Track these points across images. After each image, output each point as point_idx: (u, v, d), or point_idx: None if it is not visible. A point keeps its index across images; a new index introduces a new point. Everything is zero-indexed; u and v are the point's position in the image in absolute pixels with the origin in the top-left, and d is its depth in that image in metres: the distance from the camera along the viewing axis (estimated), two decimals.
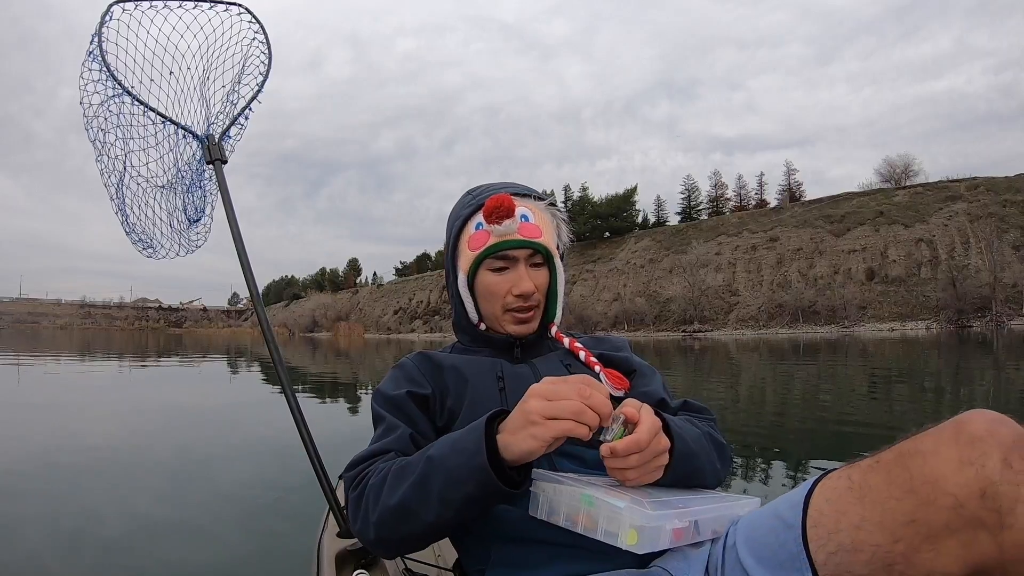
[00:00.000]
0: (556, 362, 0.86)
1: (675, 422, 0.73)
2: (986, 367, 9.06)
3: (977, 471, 0.49)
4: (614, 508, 0.59)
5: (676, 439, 0.69)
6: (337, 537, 1.17)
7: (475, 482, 0.62)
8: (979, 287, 34.64)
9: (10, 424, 4.63)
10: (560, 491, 0.64)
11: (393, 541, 0.71)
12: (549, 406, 0.60)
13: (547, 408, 0.60)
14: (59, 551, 1.92)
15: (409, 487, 0.67)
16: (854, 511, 0.55)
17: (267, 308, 2.05)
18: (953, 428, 0.53)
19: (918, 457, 0.53)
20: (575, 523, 0.62)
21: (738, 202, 61.64)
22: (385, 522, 0.69)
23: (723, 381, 8.37)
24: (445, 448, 0.67)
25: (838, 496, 0.58)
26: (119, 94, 1.40)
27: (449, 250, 0.91)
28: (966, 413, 0.54)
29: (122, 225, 1.45)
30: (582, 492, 0.62)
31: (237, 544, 2.02)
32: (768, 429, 4.42)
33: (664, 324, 45.82)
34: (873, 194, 48.40)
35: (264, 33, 1.67)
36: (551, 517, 0.64)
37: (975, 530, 0.49)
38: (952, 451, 0.51)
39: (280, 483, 2.77)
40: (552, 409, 0.60)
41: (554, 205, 0.91)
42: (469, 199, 0.90)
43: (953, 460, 0.51)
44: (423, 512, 0.66)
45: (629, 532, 0.58)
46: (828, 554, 0.56)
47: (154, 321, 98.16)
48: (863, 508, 0.55)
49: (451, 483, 0.64)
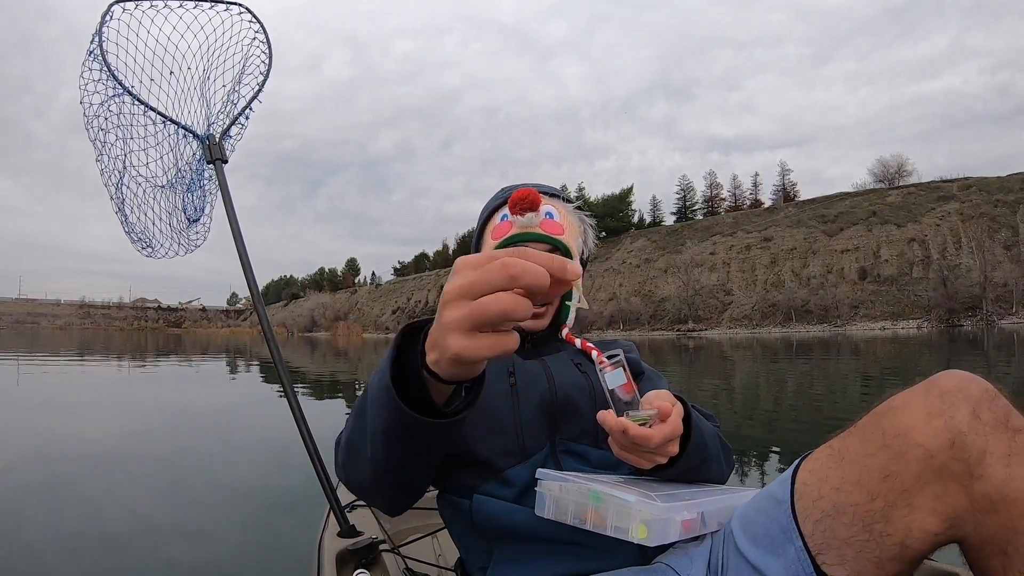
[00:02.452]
0: (567, 361, 0.85)
1: (696, 415, 0.73)
2: (976, 365, 9.16)
3: (946, 422, 0.51)
4: (623, 503, 0.58)
5: (694, 430, 0.70)
6: (337, 537, 1.18)
7: (387, 408, 0.49)
8: (970, 286, 35.00)
9: (10, 424, 4.61)
10: (567, 489, 0.63)
11: (353, 484, 0.66)
12: (469, 280, 0.40)
13: (467, 284, 0.40)
14: (60, 550, 1.92)
15: (352, 420, 0.62)
16: (834, 475, 0.57)
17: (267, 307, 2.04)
18: (924, 385, 0.54)
19: (890, 413, 0.55)
20: (584, 520, 0.62)
21: (733, 202, 61.97)
22: (343, 463, 0.65)
23: (718, 379, 8.42)
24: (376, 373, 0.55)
25: (820, 465, 0.59)
26: (119, 94, 1.40)
27: (475, 240, 0.93)
28: (938, 373, 0.55)
29: (122, 225, 1.45)
30: (590, 489, 0.61)
31: (238, 544, 2.02)
32: (763, 425, 4.47)
33: (659, 323, 46.00)
34: (866, 194, 48.80)
35: (264, 33, 1.67)
36: (559, 516, 0.64)
37: (946, 481, 0.50)
38: (922, 404, 0.53)
39: (280, 482, 2.77)
40: (474, 283, 0.39)
41: (582, 210, 0.92)
42: (500, 193, 0.91)
43: (922, 412, 0.52)
44: (360, 447, 0.58)
45: (639, 526, 0.57)
46: (814, 523, 0.56)
47: (153, 321, 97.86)
48: (841, 470, 0.56)
49: (373, 411, 0.53)
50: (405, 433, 0.51)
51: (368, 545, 1.10)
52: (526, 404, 0.77)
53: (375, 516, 1.29)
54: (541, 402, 0.78)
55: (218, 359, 14.33)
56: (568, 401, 0.78)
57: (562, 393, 0.78)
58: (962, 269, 37.02)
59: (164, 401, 6.28)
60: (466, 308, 0.39)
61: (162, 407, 5.74)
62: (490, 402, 0.77)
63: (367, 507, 1.36)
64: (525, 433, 0.76)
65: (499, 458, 0.75)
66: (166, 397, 6.71)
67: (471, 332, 0.39)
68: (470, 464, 0.76)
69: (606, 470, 0.76)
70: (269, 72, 1.65)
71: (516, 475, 0.74)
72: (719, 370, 10.21)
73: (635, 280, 51.98)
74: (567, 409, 0.78)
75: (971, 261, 36.79)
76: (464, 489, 0.77)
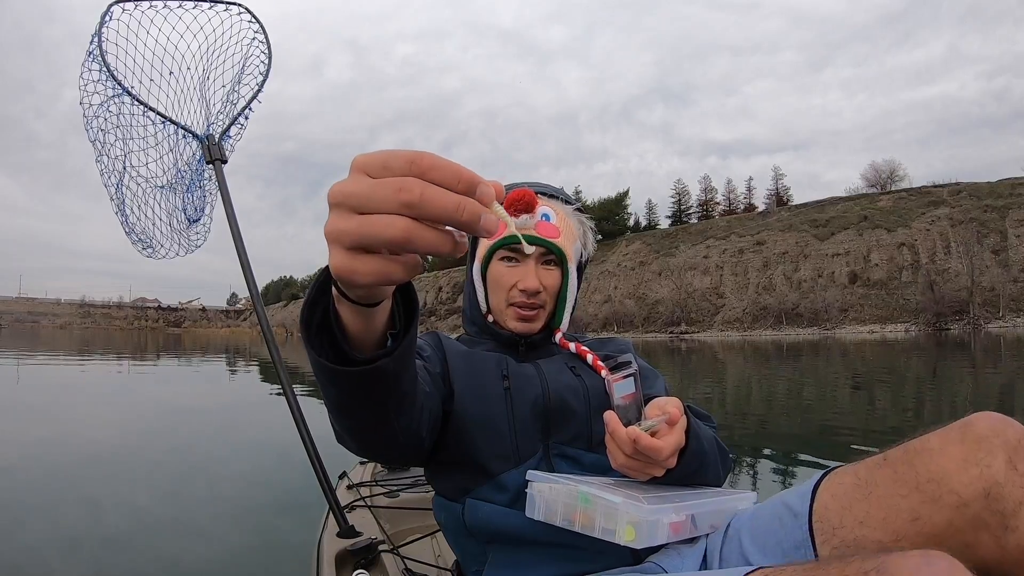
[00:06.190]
0: (561, 364, 0.84)
1: (696, 421, 0.73)
2: (960, 367, 9.27)
3: (982, 471, 0.49)
4: (610, 504, 0.58)
5: (692, 437, 0.69)
6: (337, 537, 1.18)
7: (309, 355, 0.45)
8: (957, 291, 35.40)
9: (11, 423, 4.57)
10: (556, 491, 0.64)
11: (336, 431, 0.61)
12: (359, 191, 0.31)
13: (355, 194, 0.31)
14: (60, 550, 1.91)
15: None
16: (859, 507, 0.55)
17: (266, 308, 2.03)
18: (960, 428, 0.53)
19: (925, 455, 0.53)
20: (572, 522, 0.62)
21: (727, 206, 62.36)
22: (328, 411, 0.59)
23: (710, 380, 8.46)
24: None
25: (844, 492, 0.58)
26: (119, 94, 1.40)
27: (471, 239, 0.89)
28: (973, 415, 0.54)
29: (122, 225, 1.44)
30: (578, 490, 0.61)
31: (237, 544, 2.01)
32: (755, 426, 4.51)
33: (652, 326, 46.12)
34: (858, 199, 49.20)
35: (264, 33, 1.67)
36: (548, 517, 0.64)
37: (978, 531, 0.49)
38: (957, 449, 0.51)
39: (280, 483, 2.76)
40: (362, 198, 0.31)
41: (582, 212, 0.90)
42: None
43: (958, 458, 0.51)
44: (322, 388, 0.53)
45: (626, 528, 0.57)
46: (831, 548, 0.56)
47: (153, 321, 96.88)
48: (868, 505, 0.55)
49: None
50: (329, 376, 0.46)
51: (367, 545, 1.10)
52: (520, 407, 0.77)
53: (375, 517, 1.30)
54: (535, 405, 0.77)
55: (218, 359, 14.19)
56: (562, 404, 0.78)
57: (556, 396, 0.78)
58: (951, 273, 37.44)
59: (164, 401, 6.23)
60: (352, 222, 0.31)
61: (162, 407, 5.69)
62: (484, 405, 0.76)
63: (367, 507, 1.37)
64: (519, 437, 0.76)
65: (493, 462, 0.74)
66: (166, 397, 6.65)
67: (354, 251, 0.32)
68: (463, 467, 0.76)
69: (599, 474, 0.76)
70: (268, 72, 1.65)
71: (510, 480, 0.74)
72: (712, 372, 10.26)
73: (630, 283, 52.11)
74: (561, 412, 0.78)
75: (960, 266, 37.21)
76: (457, 492, 0.77)
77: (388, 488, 1.55)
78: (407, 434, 0.60)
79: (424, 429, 0.66)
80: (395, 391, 0.52)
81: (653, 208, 65.52)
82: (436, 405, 0.72)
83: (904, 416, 4.90)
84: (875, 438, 3.86)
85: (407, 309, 0.46)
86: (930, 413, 4.96)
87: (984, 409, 0.55)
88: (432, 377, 0.75)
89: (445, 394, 0.77)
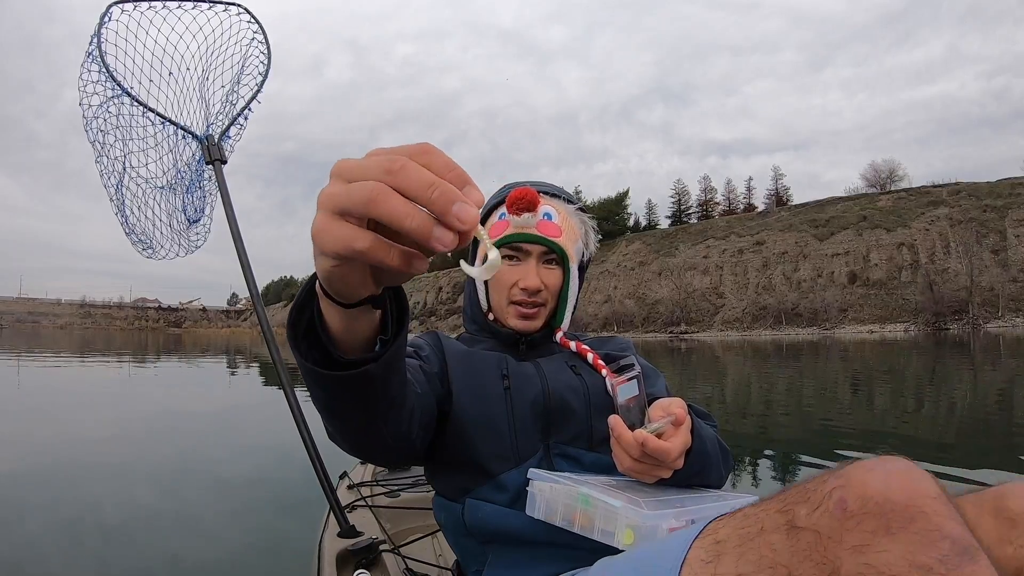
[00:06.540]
0: (561, 363, 0.83)
1: (698, 421, 0.73)
2: (959, 366, 9.28)
3: (1015, 551, 0.49)
4: (610, 508, 0.58)
5: (696, 439, 0.69)
6: (337, 537, 1.18)
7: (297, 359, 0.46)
8: (956, 291, 35.44)
9: (11, 423, 4.57)
10: (557, 491, 0.63)
11: (328, 430, 0.61)
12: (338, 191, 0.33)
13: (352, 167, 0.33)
14: (61, 550, 1.91)
15: None
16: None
17: (266, 308, 2.05)
18: (993, 500, 0.53)
19: None
20: (572, 522, 0.61)
21: (727, 206, 62.40)
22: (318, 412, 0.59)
23: (710, 380, 8.47)
24: None
25: None
26: (118, 95, 1.40)
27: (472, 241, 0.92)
28: (1007, 485, 0.54)
29: (122, 226, 1.44)
30: (579, 491, 0.61)
31: (238, 543, 2.02)
32: (754, 426, 4.51)
33: (652, 326, 46.16)
34: (857, 199, 49.23)
35: (263, 33, 1.67)
36: (548, 517, 0.64)
37: None
38: (991, 524, 0.51)
39: (281, 483, 2.77)
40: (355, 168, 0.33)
41: (584, 211, 0.90)
42: (500, 191, 0.90)
43: (992, 535, 0.51)
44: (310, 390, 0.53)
45: (626, 531, 0.57)
46: None
47: (153, 321, 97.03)
48: None
49: None
50: (309, 377, 0.47)
51: (368, 545, 1.10)
52: (520, 407, 0.76)
53: (375, 516, 1.30)
54: (535, 405, 0.77)
55: (218, 359, 14.21)
56: (562, 404, 0.77)
57: (556, 396, 0.78)
58: (950, 273, 37.48)
59: (164, 401, 6.24)
60: (337, 186, 0.33)
61: (162, 407, 5.70)
62: (484, 405, 0.76)
63: (367, 507, 1.37)
64: (519, 436, 0.75)
65: (493, 462, 0.74)
66: (166, 397, 6.66)
67: (336, 216, 0.33)
68: (463, 467, 0.75)
69: (600, 473, 0.75)
70: (268, 72, 1.65)
71: (510, 480, 0.73)
72: (711, 372, 10.27)
73: (630, 283, 52.14)
74: (561, 412, 0.77)
75: (959, 265, 37.25)
76: (457, 492, 0.76)
77: (389, 488, 1.55)
78: (396, 437, 0.61)
79: (414, 431, 0.66)
80: (383, 396, 0.52)
81: (653, 208, 65.66)
82: (430, 406, 0.72)
83: (904, 416, 4.91)
84: (875, 438, 3.87)
85: (399, 318, 0.46)
86: (930, 413, 4.97)
87: (984, 408, 0.54)
88: (429, 377, 0.75)
89: (442, 394, 0.77)
